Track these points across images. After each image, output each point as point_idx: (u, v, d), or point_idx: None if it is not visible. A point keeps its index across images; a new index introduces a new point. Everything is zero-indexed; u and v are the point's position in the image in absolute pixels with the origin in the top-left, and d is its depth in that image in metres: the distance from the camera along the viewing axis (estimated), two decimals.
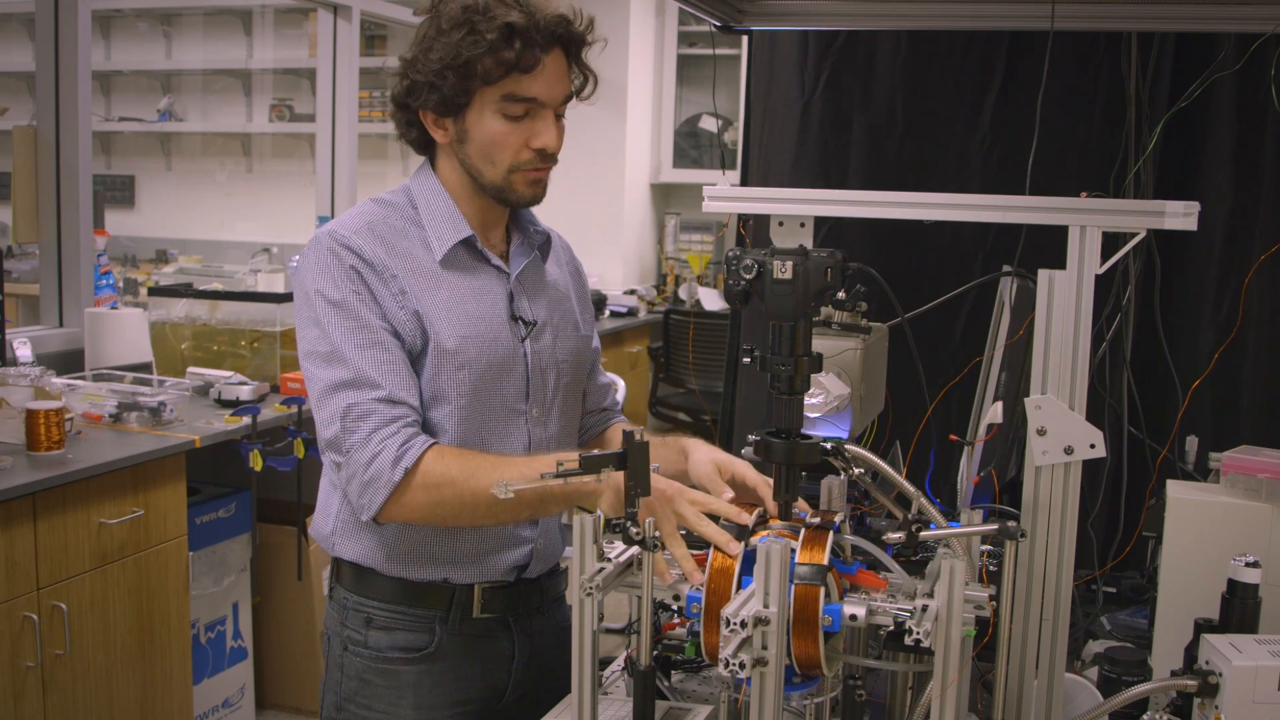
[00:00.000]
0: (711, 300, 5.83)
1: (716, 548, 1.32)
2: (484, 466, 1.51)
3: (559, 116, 1.62)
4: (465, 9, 1.54)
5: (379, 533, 1.64)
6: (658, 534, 1.31)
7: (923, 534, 1.34)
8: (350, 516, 1.66)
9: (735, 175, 3.11)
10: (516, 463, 1.54)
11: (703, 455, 1.60)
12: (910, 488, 1.44)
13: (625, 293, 5.89)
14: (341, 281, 1.56)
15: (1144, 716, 1.48)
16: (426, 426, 1.60)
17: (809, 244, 1.43)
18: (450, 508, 1.53)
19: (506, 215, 1.74)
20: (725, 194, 1.53)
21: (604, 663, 1.69)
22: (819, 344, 1.43)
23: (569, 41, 1.59)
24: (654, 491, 1.41)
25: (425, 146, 1.69)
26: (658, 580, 1.34)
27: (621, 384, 3.84)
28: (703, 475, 1.57)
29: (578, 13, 1.61)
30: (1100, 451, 1.39)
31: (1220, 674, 1.38)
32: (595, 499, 1.45)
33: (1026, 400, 1.40)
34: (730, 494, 1.53)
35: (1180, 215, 1.34)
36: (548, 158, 1.61)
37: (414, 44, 1.60)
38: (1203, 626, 1.51)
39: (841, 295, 1.41)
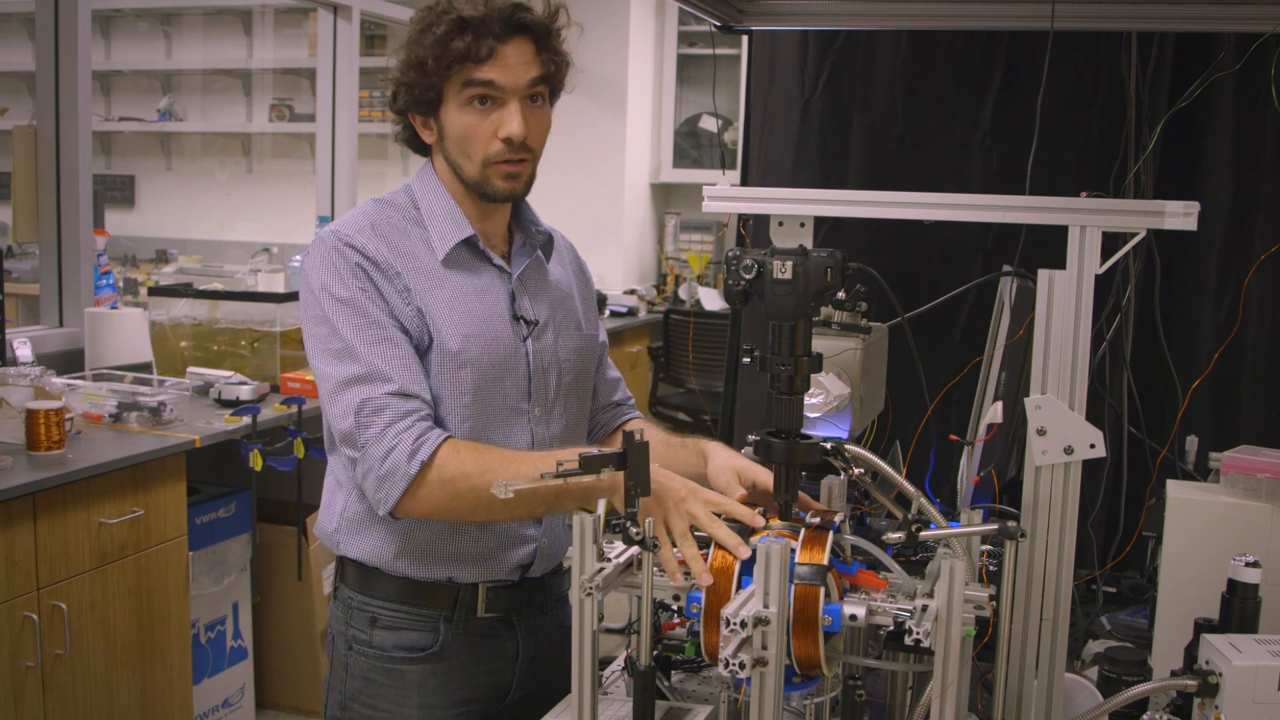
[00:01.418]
0: (711, 300, 5.82)
1: (726, 549, 1.32)
2: (500, 462, 1.51)
3: (534, 102, 1.62)
4: (429, 9, 1.58)
5: (384, 531, 1.64)
6: (658, 535, 1.31)
7: (923, 534, 1.34)
8: (355, 515, 1.66)
9: (735, 175, 3.11)
10: (531, 458, 1.53)
11: (722, 461, 1.61)
12: (910, 488, 1.44)
13: (625, 293, 5.88)
14: (348, 279, 1.57)
15: (1144, 716, 1.48)
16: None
17: (809, 244, 1.43)
18: (466, 502, 1.53)
19: (508, 215, 1.74)
20: (725, 194, 1.53)
21: (604, 663, 1.69)
22: (819, 344, 1.43)
23: (531, 29, 1.60)
24: (668, 491, 1.41)
25: (424, 147, 1.70)
26: (666, 579, 1.34)
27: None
28: (722, 483, 1.58)
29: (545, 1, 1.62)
30: (1100, 451, 1.39)
31: (1220, 674, 1.38)
32: (612, 494, 1.45)
33: (1026, 400, 1.40)
34: (742, 493, 1.53)
35: (1180, 215, 1.34)
36: (518, 148, 1.61)
37: (393, 52, 1.64)
38: (1203, 626, 1.51)
39: (841, 295, 1.41)
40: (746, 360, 1.40)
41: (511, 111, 1.59)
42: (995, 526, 1.31)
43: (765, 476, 1.53)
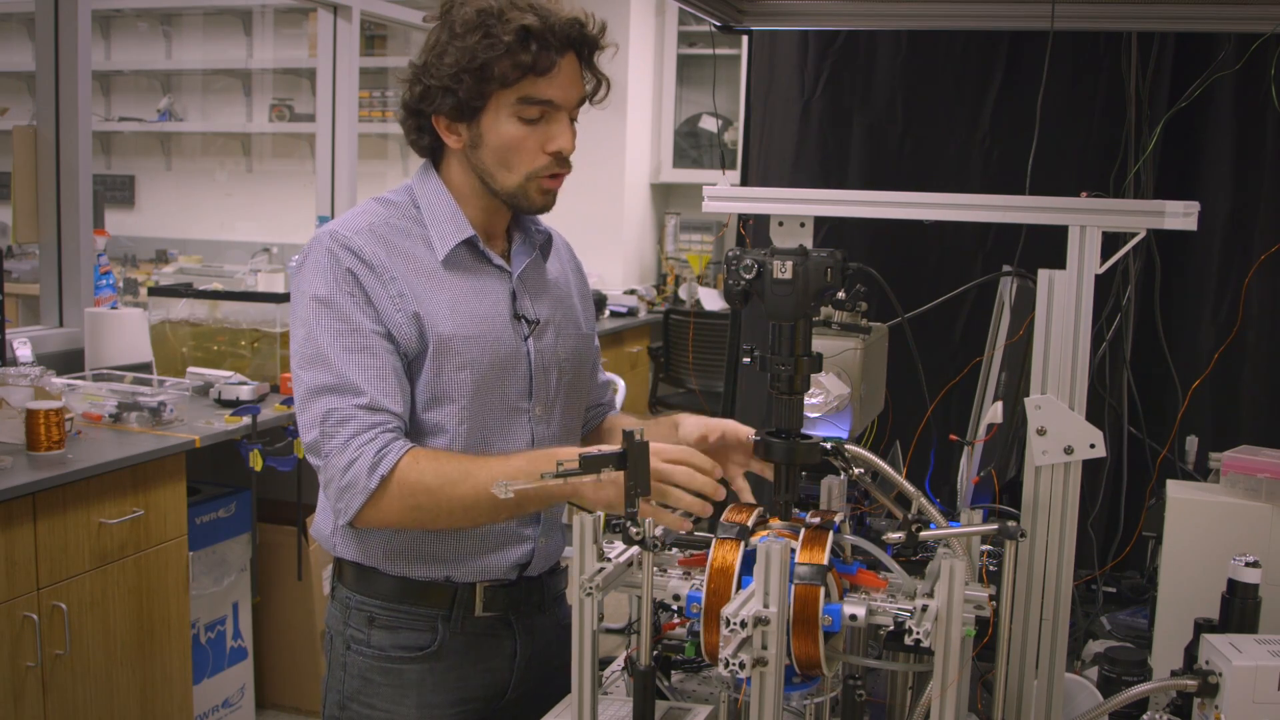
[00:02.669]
0: (711, 300, 5.82)
1: (696, 491, 1.39)
2: (460, 471, 1.52)
3: (572, 120, 1.63)
4: (480, 13, 1.54)
5: (379, 533, 1.64)
6: (658, 534, 1.31)
7: (923, 534, 1.34)
8: None
9: (735, 175, 3.11)
10: (491, 463, 1.53)
11: (692, 421, 1.64)
12: (910, 488, 1.44)
13: (625, 293, 5.88)
14: (336, 283, 1.57)
15: (1144, 716, 1.48)
16: (428, 427, 1.61)
17: (809, 244, 1.43)
18: (427, 512, 1.53)
19: (509, 215, 1.74)
20: (725, 194, 1.53)
21: (604, 663, 1.69)
22: (819, 344, 1.43)
23: (582, 45, 1.60)
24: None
25: (433, 152, 1.69)
26: (666, 579, 1.34)
27: (621, 384, 3.84)
28: (691, 434, 1.61)
29: (590, 17, 1.62)
30: (1100, 451, 1.39)
31: (1220, 674, 1.38)
32: (577, 498, 1.47)
33: (1026, 400, 1.40)
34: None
35: (1180, 215, 1.34)
36: (563, 162, 1.62)
37: (425, 50, 1.60)
38: (1203, 626, 1.51)
39: (841, 295, 1.41)
40: (746, 360, 1.40)
41: (563, 127, 1.60)
42: (995, 526, 1.31)
43: (733, 426, 1.56)
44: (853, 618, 1.23)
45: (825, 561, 1.24)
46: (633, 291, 5.91)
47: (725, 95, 5.68)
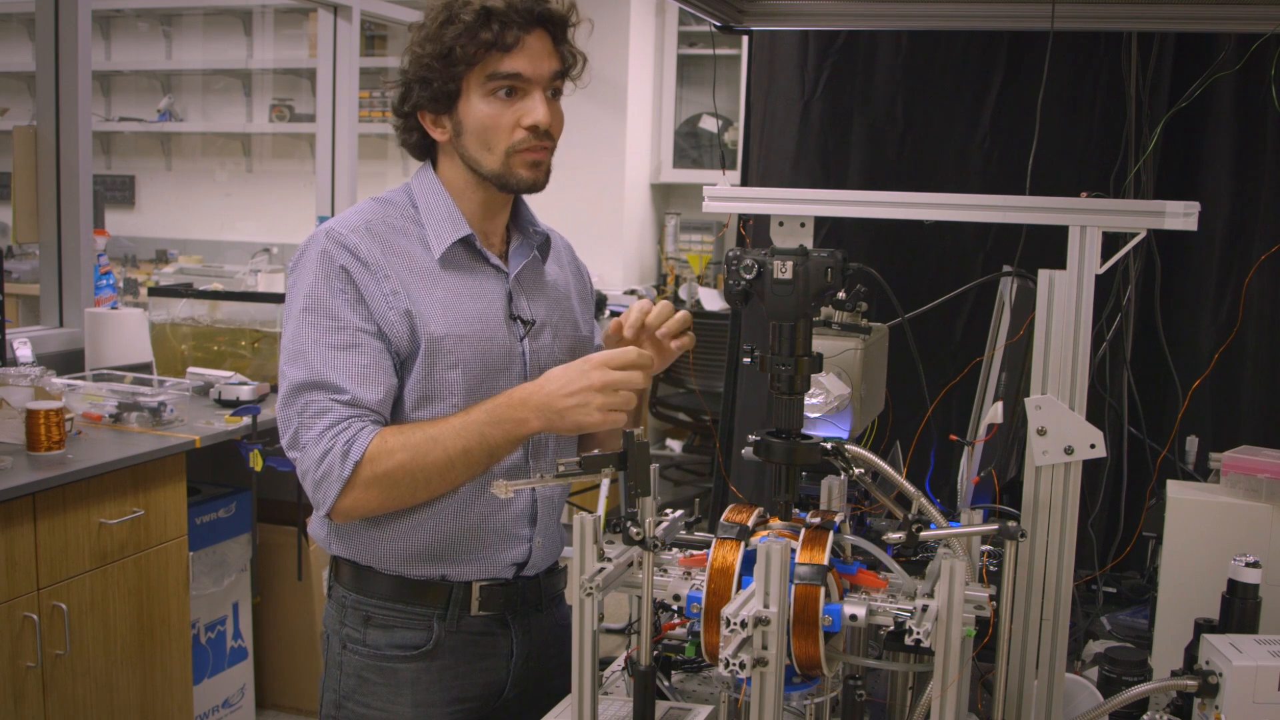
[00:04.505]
0: (711, 300, 5.81)
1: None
2: (427, 439, 1.55)
3: (554, 95, 1.64)
4: (445, 6, 1.58)
5: (376, 530, 1.64)
6: (659, 534, 1.31)
7: (923, 534, 1.34)
8: None
9: (735, 175, 3.10)
10: (452, 421, 1.57)
11: (610, 324, 1.70)
12: (910, 488, 1.44)
13: (625, 293, 5.87)
14: (328, 280, 1.57)
15: (1144, 716, 1.48)
16: None
17: (809, 244, 1.43)
18: (405, 489, 1.56)
19: (507, 214, 1.74)
20: (725, 194, 1.53)
21: (604, 663, 1.69)
22: (819, 344, 1.43)
23: (550, 21, 1.62)
24: (567, 388, 1.51)
25: (426, 151, 1.70)
26: (666, 579, 1.34)
27: None
28: (611, 335, 1.68)
29: None
30: (1100, 451, 1.39)
31: (1220, 674, 1.38)
32: (526, 427, 1.54)
33: (1026, 400, 1.40)
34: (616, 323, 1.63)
35: (1180, 215, 1.34)
36: (542, 135, 1.62)
37: (405, 53, 1.64)
38: (1203, 626, 1.51)
39: (841, 295, 1.41)
40: (746, 360, 1.40)
41: (536, 100, 1.60)
42: (995, 526, 1.31)
43: (638, 310, 1.65)
44: (853, 618, 1.23)
45: (825, 561, 1.24)
46: (633, 292, 5.90)
47: (725, 95, 5.68)
